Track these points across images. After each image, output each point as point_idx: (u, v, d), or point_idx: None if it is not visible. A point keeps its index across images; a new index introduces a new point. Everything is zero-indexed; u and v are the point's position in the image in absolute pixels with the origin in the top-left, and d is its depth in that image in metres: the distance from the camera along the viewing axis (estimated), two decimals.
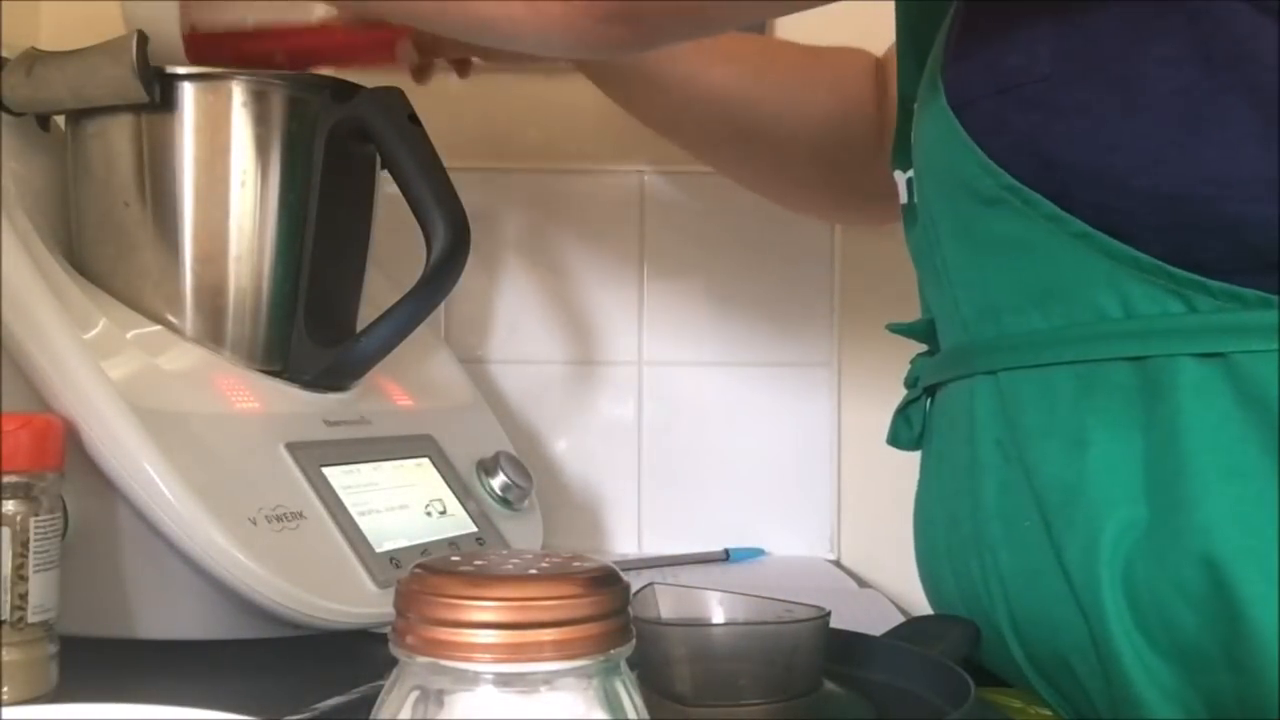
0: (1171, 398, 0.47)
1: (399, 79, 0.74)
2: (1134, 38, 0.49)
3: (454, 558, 0.28)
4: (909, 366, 0.69)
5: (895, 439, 0.69)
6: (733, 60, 0.80)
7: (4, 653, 0.50)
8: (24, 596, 0.51)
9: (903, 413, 0.68)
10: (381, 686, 0.28)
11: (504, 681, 0.26)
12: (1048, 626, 0.52)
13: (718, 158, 0.88)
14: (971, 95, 0.53)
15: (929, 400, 0.66)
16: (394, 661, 0.27)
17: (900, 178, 0.66)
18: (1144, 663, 0.47)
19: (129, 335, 0.65)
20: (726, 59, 0.79)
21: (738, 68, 0.80)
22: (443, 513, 0.71)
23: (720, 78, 0.79)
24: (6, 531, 0.50)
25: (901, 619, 0.68)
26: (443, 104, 0.99)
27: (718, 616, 0.49)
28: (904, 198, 0.66)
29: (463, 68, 0.82)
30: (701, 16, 0.57)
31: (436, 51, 0.78)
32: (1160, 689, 0.47)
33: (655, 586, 0.49)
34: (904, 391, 0.70)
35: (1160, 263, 0.48)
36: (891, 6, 0.68)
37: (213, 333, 0.69)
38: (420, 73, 0.80)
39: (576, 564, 0.28)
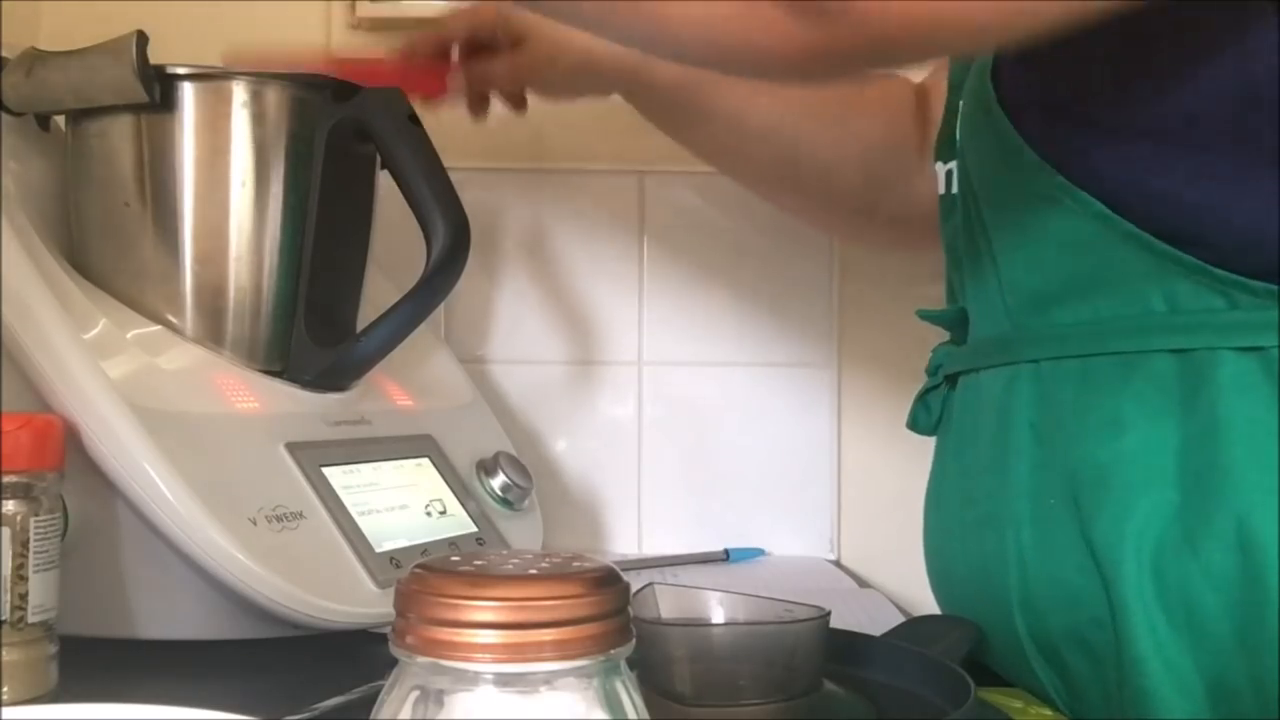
0: (1211, 389, 0.49)
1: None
2: (1184, 67, 0.50)
3: (454, 558, 0.28)
4: (930, 355, 0.70)
5: (914, 424, 0.70)
6: (779, 90, 0.80)
7: (4, 653, 0.50)
8: (24, 596, 0.51)
9: (922, 399, 0.69)
10: (381, 686, 0.28)
11: (504, 681, 0.26)
12: (1064, 598, 0.53)
13: (764, 186, 0.88)
14: (1023, 100, 0.55)
15: (949, 388, 0.67)
16: (394, 661, 0.27)
17: (940, 169, 0.67)
18: (1157, 636, 0.48)
19: (129, 335, 0.65)
20: (772, 89, 0.79)
21: (784, 98, 0.80)
22: (443, 513, 0.71)
23: (767, 108, 0.79)
24: (6, 531, 0.50)
25: (901, 619, 0.69)
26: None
27: (718, 616, 0.49)
28: (941, 188, 0.67)
29: (517, 102, 0.82)
30: (942, 25, 0.45)
31: (489, 83, 0.79)
32: (1166, 663, 0.48)
33: (655, 586, 0.49)
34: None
35: (1204, 264, 0.50)
36: None
37: (213, 333, 0.69)
38: (475, 105, 0.81)
39: (576, 564, 0.28)
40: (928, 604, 0.68)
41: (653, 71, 0.77)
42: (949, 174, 0.66)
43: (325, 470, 0.65)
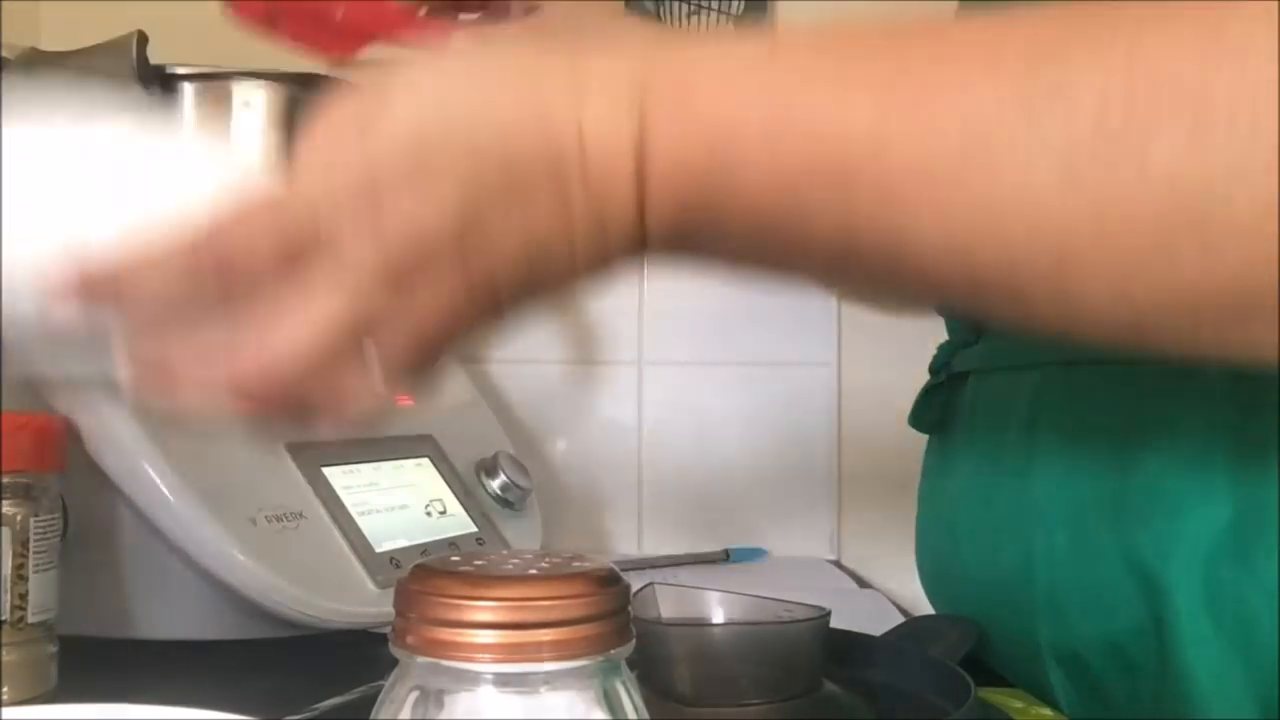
0: (1269, 397, 0.47)
1: None
2: None
3: (454, 558, 0.28)
4: (935, 352, 0.69)
5: (917, 422, 0.69)
6: None
7: (4, 653, 0.50)
8: (24, 596, 0.51)
9: (925, 396, 0.68)
10: (381, 686, 0.28)
11: (504, 681, 0.26)
12: (1098, 606, 0.51)
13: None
14: None
15: (953, 386, 0.66)
16: (394, 661, 0.27)
17: None
18: (1207, 648, 0.47)
19: None
20: None
21: None
22: (443, 513, 0.71)
23: None
24: (6, 531, 0.50)
25: (901, 619, 0.69)
26: None
27: (718, 616, 0.49)
28: None
29: None
30: None
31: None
32: (1215, 675, 0.47)
33: (655, 586, 0.49)
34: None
35: None
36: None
37: None
38: None
39: (576, 564, 0.28)
40: (928, 604, 0.68)
41: None
42: None
43: (325, 470, 0.65)
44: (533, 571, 0.27)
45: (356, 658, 0.60)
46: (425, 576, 0.26)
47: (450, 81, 0.36)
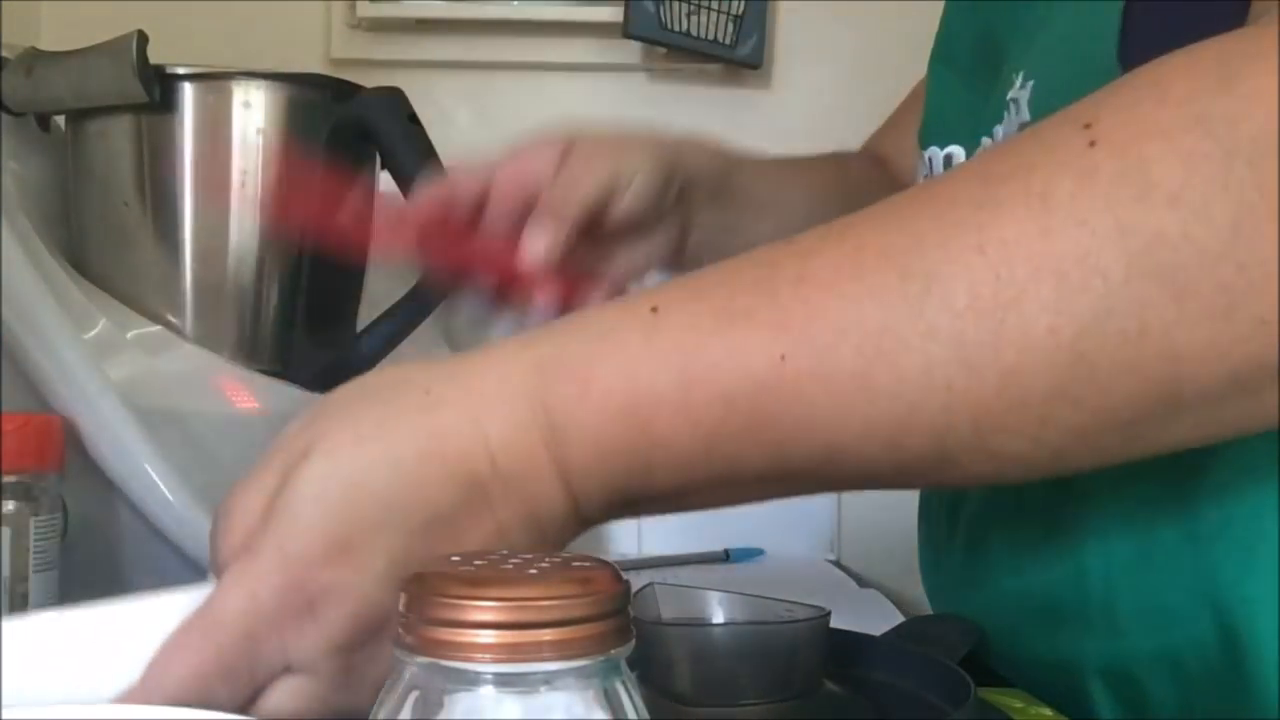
0: None
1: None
2: None
3: (454, 557, 0.28)
4: None
5: None
6: (797, 174, 0.75)
7: None
8: (24, 596, 0.51)
9: None
10: (381, 686, 0.28)
11: (504, 681, 0.26)
12: (1158, 619, 0.50)
13: None
14: None
15: None
16: (394, 661, 0.27)
17: (938, 154, 0.65)
18: None
19: (129, 335, 0.65)
20: (792, 175, 0.75)
21: (805, 181, 0.75)
22: None
23: (801, 195, 0.74)
24: (6, 531, 0.50)
25: (901, 619, 0.68)
26: (443, 104, 0.99)
27: (718, 616, 0.49)
28: (926, 171, 0.65)
29: None
30: None
31: None
32: None
33: (655, 586, 0.49)
34: None
35: None
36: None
37: (213, 333, 0.69)
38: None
39: (576, 564, 0.28)
40: (928, 604, 0.68)
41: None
42: (947, 158, 0.65)
43: None
44: (533, 571, 0.27)
45: None
46: (425, 577, 0.26)
47: (348, 451, 0.36)
